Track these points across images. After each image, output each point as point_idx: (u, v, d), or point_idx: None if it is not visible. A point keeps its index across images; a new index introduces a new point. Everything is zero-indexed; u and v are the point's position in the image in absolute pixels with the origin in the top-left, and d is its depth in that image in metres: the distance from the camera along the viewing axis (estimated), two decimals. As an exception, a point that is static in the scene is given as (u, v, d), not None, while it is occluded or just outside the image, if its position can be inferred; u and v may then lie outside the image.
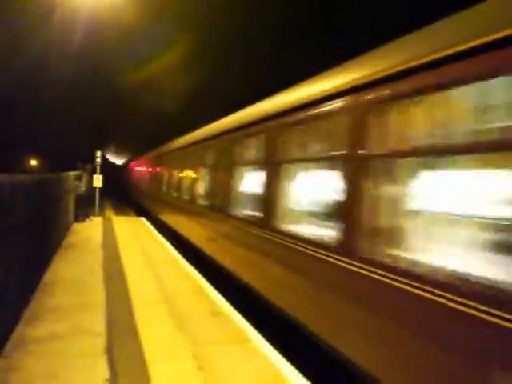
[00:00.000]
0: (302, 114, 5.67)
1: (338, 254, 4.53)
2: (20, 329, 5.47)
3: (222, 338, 5.54)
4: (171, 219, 15.11)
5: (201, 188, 11.22)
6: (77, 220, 16.57)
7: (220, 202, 9.04)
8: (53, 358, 4.68)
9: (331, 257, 4.63)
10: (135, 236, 14.18)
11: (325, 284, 4.79)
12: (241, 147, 8.20)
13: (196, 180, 11.72)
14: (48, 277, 8.12)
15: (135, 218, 21.42)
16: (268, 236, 6.27)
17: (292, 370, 4.70)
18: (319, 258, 4.85)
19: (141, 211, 23.68)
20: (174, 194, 14.87)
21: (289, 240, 5.63)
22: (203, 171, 11.14)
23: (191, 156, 12.67)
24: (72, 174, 15.81)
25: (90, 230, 14.80)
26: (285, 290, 5.72)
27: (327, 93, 5.03)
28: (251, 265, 6.99)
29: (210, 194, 10.19)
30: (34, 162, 59.09)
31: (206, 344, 5.28)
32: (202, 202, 10.89)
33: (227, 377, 4.43)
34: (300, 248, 5.31)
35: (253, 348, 5.22)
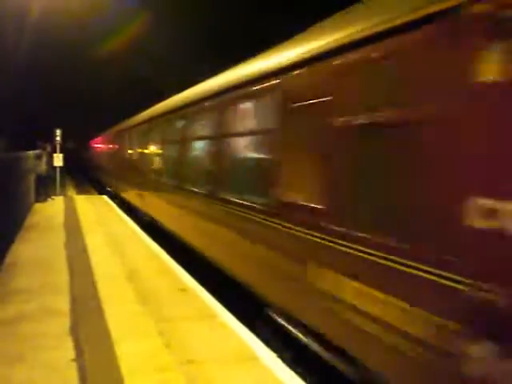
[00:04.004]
0: None
1: None
2: (-18, 311, 5.40)
3: (189, 313, 5.58)
4: None
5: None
6: (38, 200, 16.19)
7: None
8: (19, 340, 4.64)
9: None
10: (98, 214, 13.97)
11: None
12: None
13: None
14: (11, 258, 7.97)
15: (97, 196, 21.08)
16: None
17: (259, 343, 4.80)
18: None
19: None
20: None
21: None
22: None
23: None
24: (32, 153, 15.40)
25: (51, 210, 14.50)
26: None
27: None
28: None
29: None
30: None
31: (173, 320, 5.32)
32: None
33: (194, 352, 4.48)
34: None
35: (220, 323, 5.29)
